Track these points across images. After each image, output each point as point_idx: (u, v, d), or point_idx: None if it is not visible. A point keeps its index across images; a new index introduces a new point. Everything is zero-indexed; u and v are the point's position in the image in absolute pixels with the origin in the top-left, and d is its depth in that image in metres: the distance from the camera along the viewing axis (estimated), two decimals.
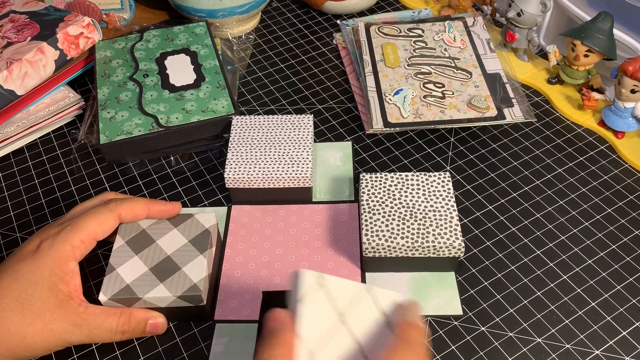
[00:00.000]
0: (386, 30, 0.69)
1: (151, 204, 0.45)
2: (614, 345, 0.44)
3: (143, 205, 0.45)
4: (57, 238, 0.40)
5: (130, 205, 0.44)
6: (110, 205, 0.43)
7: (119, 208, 0.43)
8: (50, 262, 0.39)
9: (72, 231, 0.40)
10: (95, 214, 0.42)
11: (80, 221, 0.41)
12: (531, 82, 0.65)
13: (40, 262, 0.39)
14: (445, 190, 0.48)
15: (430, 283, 0.48)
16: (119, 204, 0.43)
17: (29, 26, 0.63)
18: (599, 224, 0.52)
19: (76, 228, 0.40)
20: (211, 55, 0.65)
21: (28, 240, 0.42)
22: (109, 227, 0.42)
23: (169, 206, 0.46)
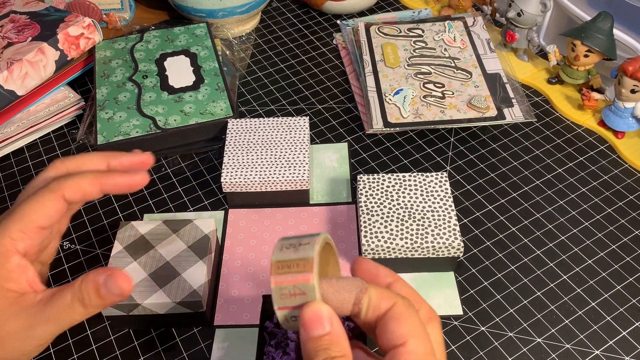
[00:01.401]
0: (386, 30, 0.69)
1: (103, 177, 0.35)
2: (614, 345, 0.44)
3: (92, 179, 0.35)
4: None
5: (75, 182, 0.35)
6: (51, 186, 0.35)
7: (61, 187, 0.35)
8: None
9: (7, 222, 0.34)
10: (34, 199, 0.35)
11: (18, 209, 0.35)
12: (531, 82, 0.65)
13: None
14: (443, 190, 0.48)
15: (430, 283, 0.48)
16: (61, 182, 0.35)
17: (29, 26, 0.63)
18: (599, 224, 0.52)
19: (12, 218, 0.34)
20: (211, 57, 0.65)
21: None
22: (53, 211, 0.34)
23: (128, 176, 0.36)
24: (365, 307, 0.29)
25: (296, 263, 0.28)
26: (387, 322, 0.28)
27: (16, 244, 0.34)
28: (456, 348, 0.44)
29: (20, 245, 0.34)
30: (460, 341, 0.44)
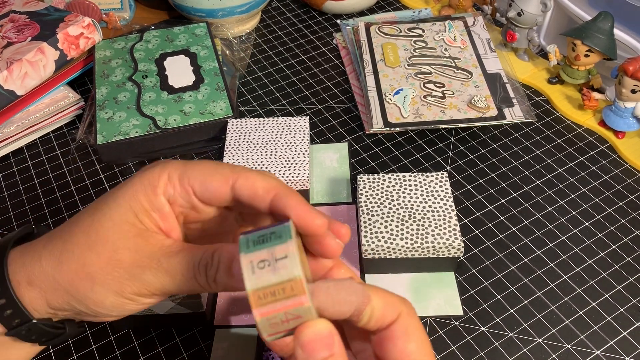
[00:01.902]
0: (386, 30, 0.69)
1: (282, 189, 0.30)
2: (614, 345, 0.44)
3: (271, 185, 0.30)
4: (160, 165, 0.31)
5: (254, 176, 0.30)
6: (236, 167, 0.31)
7: (241, 173, 0.30)
8: (136, 184, 0.30)
9: (177, 164, 0.31)
10: (215, 164, 0.31)
11: (195, 162, 0.31)
12: (531, 82, 0.65)
13: (128, 185, 0.30)
14: (443, 190, 0.48)
15: (430, 284, 0.48)
16: (246, 170, 0.31)
17: (29, 26, 0.63)
18: (600, 224, 0.52)
19: (185, 164, 0.31)
20: (211, 56, 0.64)
21: None
22: (216, 185, 0.30)
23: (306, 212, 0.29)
24: (367, 318, 0.26)
25: (281, 288, 0.24)
26: (394, 337, 0.27)
27: (167, 187, 0.30)
28: (456, 348, 0.44)
29: (170, 191, 0.30)
30: (461, 341, 0.44)
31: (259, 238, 0.26)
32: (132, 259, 0.29)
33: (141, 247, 0.30)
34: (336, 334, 0.26)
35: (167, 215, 0.31)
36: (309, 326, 0.25)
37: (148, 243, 0.30)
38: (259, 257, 0.25)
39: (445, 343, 0.44)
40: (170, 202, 0.30)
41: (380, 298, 0.27)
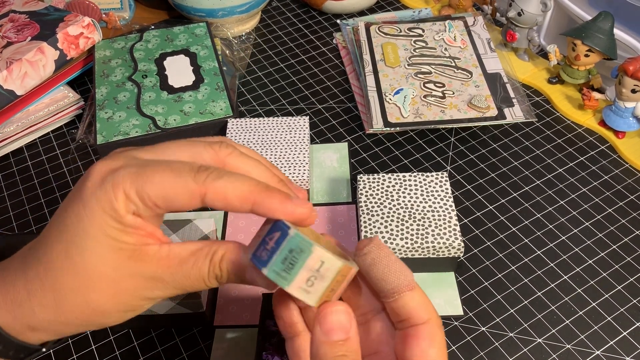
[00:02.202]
0: (386, 30, 0.68)
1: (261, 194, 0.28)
2: (614, 345, 0.44)
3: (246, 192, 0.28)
4: (109, 178, 0.28)
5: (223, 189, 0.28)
6: (200, 175, 0.28)
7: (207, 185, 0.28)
8: (98, 212, 0.27)
9: (131, 175, 0.27)
10: (175, 174, 0.28)
11: (150, 170, 0.28)
12: (532, 82, 0.65)
13: (87, 209, 0.28)
14: (443, 190, 0.48)
15: (430, 283, 0.48)
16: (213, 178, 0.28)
17: (29, 26, 0.63)
18: (600, 224, 0.52)
19: (139, 175, 0.27)
20: (211, 56, 0.64)
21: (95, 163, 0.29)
22: (180, 202, 0.28)
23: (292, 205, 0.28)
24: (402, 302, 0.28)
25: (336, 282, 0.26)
26: (420, 337, 0.28)
27: (128, 205, 0.28)
28: (456, 348, 0.44)
29: (131, 207, 0.28)
30: (461, 341, 0.44)
31: (285, 264, 0.26)
32: (137, 284, 0.29)
33: (140, 268, 0.28)
34: (355, 323, 0.27)
35: (144, 224, 0.29)
36: (331, 310, 0.27)
37: (144, 262, 0.28)
38: (302, 279, 0.26)
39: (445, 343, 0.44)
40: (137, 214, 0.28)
41: (422, 294, 0.29)
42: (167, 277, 0.29)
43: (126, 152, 0.30)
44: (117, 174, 0.27)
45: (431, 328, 0.28)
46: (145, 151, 0.30)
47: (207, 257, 0.29)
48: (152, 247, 0.29)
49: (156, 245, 0.29)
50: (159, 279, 0.29)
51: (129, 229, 0.28)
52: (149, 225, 0.29)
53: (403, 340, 0.28)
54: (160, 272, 0.28)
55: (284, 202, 0.28)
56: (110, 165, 0.28)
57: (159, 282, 0.29)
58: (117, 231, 0.28)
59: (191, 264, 0.28)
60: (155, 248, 0.29)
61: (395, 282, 0.28)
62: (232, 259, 0.29)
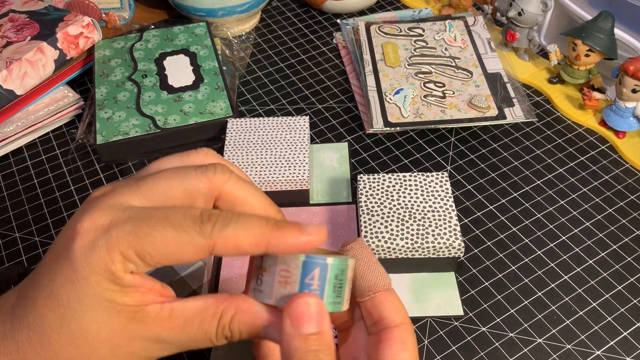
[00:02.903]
0: (386, 30, 0.68)
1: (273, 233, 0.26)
2: (614, 345, 0.44)
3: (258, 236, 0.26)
4: (103, 240, 0.25)
5: (233, 236, 0.26)
6: (206, 228, 0.25)
7: (216, 236, 0.25)
8: (92, 276, 0.25)
9: (127, 237, 0.25)
10: (177, 230, 0.25)
11: (148, 228, 0.25)
12: (532, 82, 0.65)
13: (80, 275, 0.25)
14: (443, 190, 0.48)
15: (430, 284, 0.47)
16: (220, 228, 0.26)
17: (28, 26, 0.63)
18: (600, 224, 0.52)
19: (136, 235, 0.25)
20: (211, 56, 0.64)
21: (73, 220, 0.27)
22: (190, 257, 0.26)
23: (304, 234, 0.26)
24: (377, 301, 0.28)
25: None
26: (392, 340, 0.27)
27: (126, 265, 0.26)
28: (457, 348, 0.44)
29: (131, 267, 0.26)
30: (461, 342, 0.44)
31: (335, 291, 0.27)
32: (138, 346, 0.27)
33: (141, 331, 0.27)
34: (328, 317, 0.26)
35: (143, 280, 0.27)
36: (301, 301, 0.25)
37: (146, 324, 0.27)
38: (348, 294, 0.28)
39: (445, 343, 0.44)
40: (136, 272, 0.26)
41: (397, 299, 0.29)
42: (171, 339, 0.27)
43: (111, 199, 0.27)
44: (111, 236, 0.25)
45: (404, 332, 0.28)
46: (132, 192, 0.27)
47: (214, 318, 0.27)
48: (154, 307, 0.27)
49: (158, 305, 0.27)
50: (163, 341, 0.27)
51: (128, 289, 0.26)
52: (149, 280, 0.27)
53: (376, 344, 0.28)
54: (163, 334, 0.27)
55: (299, 235, 0.26)
56: (97, 221, 0.26)
57: (163, 344, 0.27)
58: (115, 293, 0.26)
59: (197, 326, 0.27)
60: (157, 308, 0.27)
61: (372, 280, 0.28)
62: (244, 320, 0.27)
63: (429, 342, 0.44)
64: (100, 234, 0.25)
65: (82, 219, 0.26)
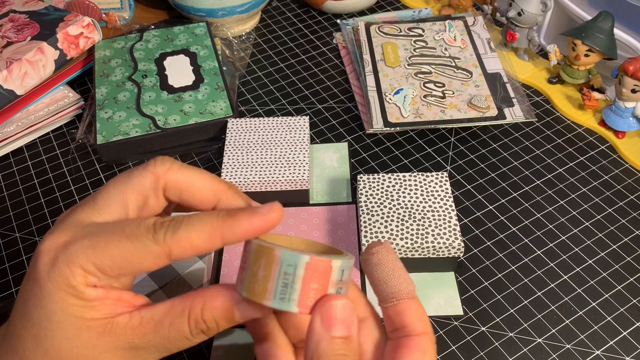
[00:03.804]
0: (386, 30, 0.68)
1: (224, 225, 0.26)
2: (614, 345, 0.44)
3: (210, 231, 0.26)
4: (62, 255, 0.26)
5: (187, 238, 0.26)
6: (159, 235, 0.26)
7: (167, 242, 0.26)
8: (56, 292, 0.26)
9: (85, 250, 0.26)
10: (131, 241, 0.26)
11: (104, 241, 0.26)
12: (532, 82, 0.65)
13: (44, 292, 0.26)
14: (443, 190, 0.48)
15: (430, 283, 0.47)
16: (172, 232, 0.26)
17: (28, 26, 0.63)
18: (600, 224, 0.52)
19: (93, 248, 0.26)
20: (211, 56, 0.64)
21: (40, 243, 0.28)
22: (149, 265, 0.26)
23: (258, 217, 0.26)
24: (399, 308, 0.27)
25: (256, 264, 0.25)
26: (412, 347, 0.27)
27: (87, 278, 0.26)
28: (456, 348, 0.44)
29: (92, 280, 0.26)
30: (461, 341, 0.44)
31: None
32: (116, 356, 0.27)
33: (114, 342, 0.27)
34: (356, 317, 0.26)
35: (107, 293, 0.27)
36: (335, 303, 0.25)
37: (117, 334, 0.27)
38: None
39: (445, 343, 0.44)
40: (99, 285, 0.27)
41: (420, 307, 0.28)
42: (144, 344, 0.27)
43: (72, 218, 0.28)
44: (70, 252, 0.26)
45: (426, 342, 0.27)
46: (90, 208, 0.28)
47: (183, 314, 0.27)
48: (123, 317, 0.27)
49: (126, 315, 0.27)
50: (137, 348, 0.27)
51: (93, 303, 0.26)
52: (114, 291, 0.27)
53: (395, 349, 0.27)
54: (136, 341, 0.27)
55: (251, 219, 0.26)
56: (58, 240, 0.27)
57: (138, 351, 0.27)
58: (80, 308, 0.26)
59: (167, 326, 0.27)
60: (126, 318, 0.27)
61: (397, 286, 0.27)
62: (215, 305, 0.27)
63: None
64: (60, 250, 0.26)
65: (45, 239, 0.27)
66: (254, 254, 0.25)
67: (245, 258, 0.26)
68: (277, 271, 0.25)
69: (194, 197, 0.29)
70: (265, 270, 0.25)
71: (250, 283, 0.25)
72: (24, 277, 0.28)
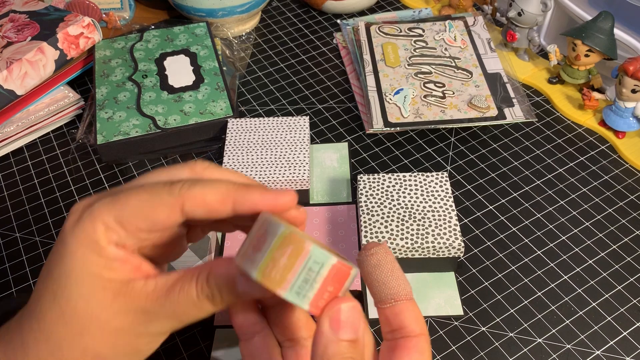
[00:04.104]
0: (386, 30, 0.68)
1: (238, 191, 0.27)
2: (614, 345, 0.44)
3: (224, 193, 0.27)
4: (87, 213, 0.27)
5: (200, 194, 0.27)
6: (174, 188, 0.27)
7: (182, 195, 0.27)
8: (79, 248, 0.27)
9: (107, 205, 0.27)
10: (147, 192, 0.27)
11: (124, 196, 0.27)
12: (532, 82, 0.65)
13: (67, 248, 0.27)
14: (443, 190, 0.48)
15: (430, 284, 0.47)
16: (185, 188, 0.27)
17: (29, 26, 0.63)
18: (600, 224, 0.52)
19: (114, 202, 0.27)
20: (211, 56, 0.64)
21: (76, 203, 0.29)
22: (162, 218, 0.27)
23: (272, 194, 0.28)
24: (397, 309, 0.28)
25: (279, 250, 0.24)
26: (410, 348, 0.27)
27: (110, 234, 0.27)
28: (456, 348, 0.44)
29: (114, 237, 0.27)
30: (461, 341, 0.44)
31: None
32: (129, 321, 0.28)
33: (127, 304, 0.27)
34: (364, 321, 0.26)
35: (128, 257, 0.28)
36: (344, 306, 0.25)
37: (132, 298, 0.27)
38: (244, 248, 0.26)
39: (445, 343, 0.44)
40: (120, 244, 0.27)
41: (417, 309, 0.28)
42: (157, 308, 0.27)
43: (102, 193, 0.29)
44: (93, 207, 0.27)
45: (423, 342, 0.27)
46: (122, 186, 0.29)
47: (192, 279, 0.28)
48: (138, 282, 0.27)
49: (142, 280, 0.28)
50: (150, 312, 0.27)
51: (113, 264, 0.27)
52: (135, 257, 0.28)
53: (391, 350, 0.28)
54: (149, 306, 0.27)
55: (264, 194, 0.27)
56: (85, 203, 0.28)
57: (150, 315, 0.28)
58: (100, 267, 0.27)
59: (178, 290, 0.27)
60: (141, 283, 0.28)
61: (395, 288, 0.28)
62: (219, 272, 0.27)
63: None
64: (86, 209, 0.28)
65: (74, 205, 0.29)
66: (280, 239, 0.25)
67: (263, 238, 0.25)
68: (302, 265, 0.24)
69: None
70: (289, 260, 0.24)
71: (267, 267, 0.25)
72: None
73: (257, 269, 0.25)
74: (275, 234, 0.25)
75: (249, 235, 0.27)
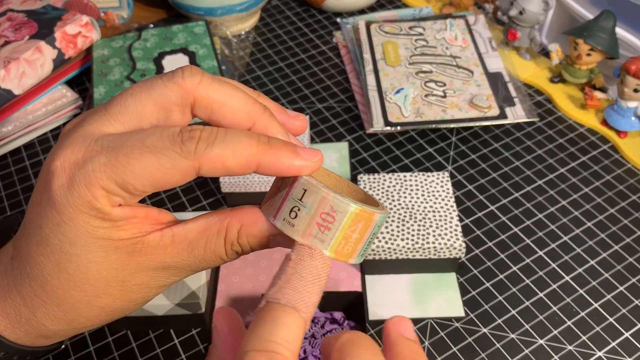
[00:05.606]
0: (387, 29, 0.68)
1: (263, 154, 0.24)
2: (616, 346, 0.43)
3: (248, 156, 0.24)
4: (80, 176, 0.23)
5: (220, 157, 0.24)
6: (188, 147, 0.24)
7: (200, 157, 0.24)
8: (78, 216, 0.24)
9: (104, 168, 0.23)
10: (155, 154, 0.23)
11: (125, 157, 0.23)
12: (533, 81, 0.64)
13: (65, 217, 0.24)
14: (444, 190, 0.48)
15: (431, 284, 0.47)
16: (204, 147, 0.24)
17: (26, 25, 0.62)
18: (602, 225, 0.51)
19: (114, 166, 0.23)
20: (210, 55, 0.64)
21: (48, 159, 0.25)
22: (175, 181, 0.24)
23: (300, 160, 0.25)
24: None
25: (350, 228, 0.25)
26: None
27: (111, 198, 0.24)
28: (458, 350, 0.43)
29: (117, 200, 0.24)
30: (462, 343, 0.44)
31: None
32: (147, 276, 0.26)
33: (146, 262, 0.25)
34: None
35: (135, 210, 0.25)
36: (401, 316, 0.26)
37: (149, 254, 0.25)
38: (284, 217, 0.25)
39: (446, 344, 0.44)
40: (124, 204, 0.25)
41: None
42: (177, 264, 0.26)
43: (81, 131, 0.24)
44: (86, 170, 0.23)
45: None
46: (102, 119, 0.25)
47: (219, 236, 0.25)
48: (153, 235, 0.25)
49: (157, 233, 0.25)
50: (170, 267, 0.26)
51: (120, 223, 0.24)
52: (140, 208, 0.25)
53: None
54: (169, 261, 0.25)
55: (293, 158, 0.25)
56: (70, 157, 0.24)
57: (171, 270, 0.26)
58: (106, 230, 0.24)
59: (203, 247, 0.25)
60: (157, 236, 0.25)
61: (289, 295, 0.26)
62: (252, 233, 0.25)
63: (430, 343, 0.44)
64: (76, 170, 0.24)
65: (56, 156, 0.24)
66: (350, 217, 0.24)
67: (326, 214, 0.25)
68: (369, 234, 0.26)
69: (226, 118, 0.26)
70: (360, 234, 0.25)
71: (339, 245, 0.25)
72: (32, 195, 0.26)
73: (329, 249, 0.25)
74: (345, 213, 0.24)
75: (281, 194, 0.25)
